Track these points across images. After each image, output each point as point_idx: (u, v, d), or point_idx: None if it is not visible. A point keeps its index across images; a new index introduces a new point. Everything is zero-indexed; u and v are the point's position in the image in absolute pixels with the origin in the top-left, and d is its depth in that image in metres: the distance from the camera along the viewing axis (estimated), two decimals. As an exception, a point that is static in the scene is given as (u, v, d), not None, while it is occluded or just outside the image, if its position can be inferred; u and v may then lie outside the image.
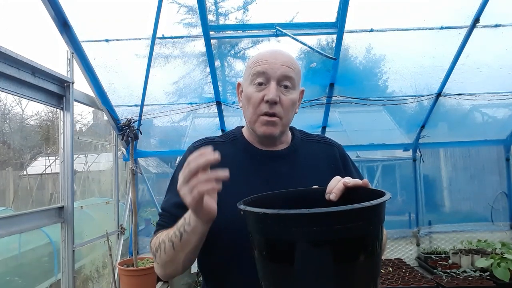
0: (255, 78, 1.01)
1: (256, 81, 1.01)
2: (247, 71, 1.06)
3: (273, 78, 1.00)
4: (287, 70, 1.00)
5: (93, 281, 3.16)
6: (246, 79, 1.06)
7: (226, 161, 1.06)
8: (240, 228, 0.79)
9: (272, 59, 1.00)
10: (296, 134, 1.16)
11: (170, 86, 3.09)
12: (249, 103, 1.03)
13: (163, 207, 1.09)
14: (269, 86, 1.00)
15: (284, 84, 1.01)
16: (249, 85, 1.03)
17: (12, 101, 8.38)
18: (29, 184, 6.15)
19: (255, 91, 1.01)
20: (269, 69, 0.99)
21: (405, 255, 3.36)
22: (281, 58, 1.01)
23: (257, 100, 1.01)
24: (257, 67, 1.01)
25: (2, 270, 3.83)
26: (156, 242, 0.99)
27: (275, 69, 1.00)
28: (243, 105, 1.08)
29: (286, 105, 1.02)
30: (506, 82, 2.93)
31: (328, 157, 1.12)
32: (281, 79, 1.00)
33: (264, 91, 1.00)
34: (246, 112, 1.06)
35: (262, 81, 1.01)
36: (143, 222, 3.47)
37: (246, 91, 1.04)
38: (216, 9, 2.78)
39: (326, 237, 0.62)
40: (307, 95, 2.98)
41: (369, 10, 2.46)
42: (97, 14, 2.42)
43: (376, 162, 3.90)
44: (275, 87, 0.99)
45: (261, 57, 1.02)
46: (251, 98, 1.02)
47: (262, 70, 1.00)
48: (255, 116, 1.02)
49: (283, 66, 1.00)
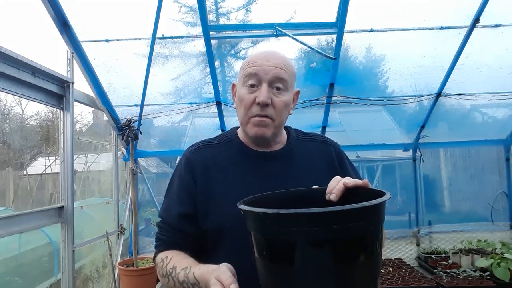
0: (247, 79, 1.01)
1: (248, 82, 1.01)
2: (240, 72, 1.06)
3: (264, 80, 1.00)
4: (279, 71, 1.00)
5: (93, 281, 3.16)
6: (239, 80, 1.06)
7: (221, 163, 1.07)
8: (238, 229, 0.79)
9: (264, 60, 1.00)
10: (291, 133, 1.16)
11: (170, 86, 3.08)
12: (241, 104, 1.03)
13: (163, 217, 1.09)
14: (260, 88, 1.00)
15: (276, 86, 1.01)
16: (241, 87, 1.04)
17: (12, 101, 8.38)
18: (29, 184, 6.15)
19: (247, 92, 1.01)
20: (261, 71, 0.99)
21: (405, 255, 3.36)
22: (273, 60, 1.01)
23: (248, 102, 1.01)
24: (249, 68, 1.01)
25: (2, 270, 3.83)
26: (164, 268, 0.99)
27: (266, 71, 0.99)
28: (236, 106, 1.08)
29: (278, 107, 1.01)
30: (506, 82, 2.93)
31: (324, 155, 1.12)
32: (273, 81, 1.00)
33: (256, 93, 1.00)
34: (238, 113, 1.06)
35: (254, 82, 1.00)
36: (143, 222, 3.47)
37: (239, 93, 1.04)
38: (216, 9, 2.78)
39: (326, 237, 0.62)
40: (307, 95, 2.99)
41: (369, 10, 2.46)
42: (97, 14, 2.42)
43: (376, 162, 3.90)
44: (267, 89, 0.99)
45: (254, 59, 1.02)
46: (243, 100, 1.02)
47: (254, 72, 1.00)
48: (246, 118, 1.03)
49: (275, 68, 1.00)
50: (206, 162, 1.07)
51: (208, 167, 1.06)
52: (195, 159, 1.08)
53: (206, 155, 1.08)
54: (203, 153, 1.09)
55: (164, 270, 0.99)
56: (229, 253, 0.96)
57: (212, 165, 1.06)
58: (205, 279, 0.83)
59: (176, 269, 0.95)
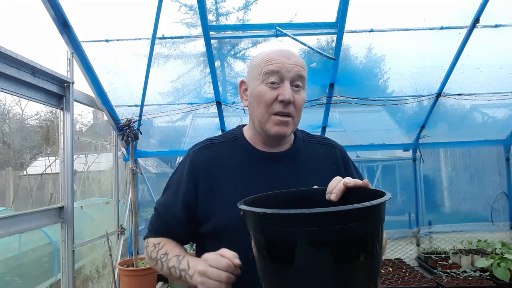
0: (267, 77, 1.00)
1: (269, 80, 1.00)
2: (255, 69, 1.04)
3: (287, 78, 1.00)
4: (300, 69, 1.01)
5: (93, 281, 3.16)
6: (255, 77, 1.04)
7: (226, 162, 1.07)
8: (242, 229, 0.79)
9: (285, 58, 1.00)
10: (298, 134, 1.16)
11: (170, 86, 3.08)
12: (260, 102, 1.02)
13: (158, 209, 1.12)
14: (283, 86, 0.99)
15: (296, 83, 1.01)
16: (260, 84, 1.02)
17: (11, 101, 8.38)
18: (29, 184, 6.15)
19: (268, 89, 1.00)
20: (283, 69, 0.99)
21: (405, 255, 3.36)
22: (293, 58, 1.01)
23: (270, 99, 1.00)
24: (269, 66, 1.00)
25: (2, 270, 3.83)
26: (155, 252, 1.05)
27: (288, 68, 0.99)
28: (250, 103, 1.07)
29: (298, 105, 1.02)
30: (506, 82, 2.93)
31: (329, 159, 1.12)
32: (294, 79, 1.01)
33: (278, 91, 1.00)
34: (255, 111, 1.04)
35: (275, 80, 1.00)
36: (143, 222, 3.46)
37: (257, 90, 1.02)
38: (216, 9, 2.78)
39: (327, 237, 0.62)
40: (307, 95, 2.97)
41: (369, 10, 2.46)
42: (97, 14, 2.42)
43: (376, 162, 3.90)
44: (289, 87, 0.99)
45: (273, 56, 1.01)
46: (263, 97, 1.01)
47: (276, 69, 0.99)
48: (267, 115, 1.01)
49: (297, 66, 1.00)
50: (210, 162, 1.06)
51: (212, 167, 1.06)
52: (199, 159, 1.07)
53: (211, 155, 1.08)
54: (207, 153, 1.08)
55: (155, 253, 1.05)
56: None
57: (216, 165, 1.06)
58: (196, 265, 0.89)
59: (168, 255, 1.01)
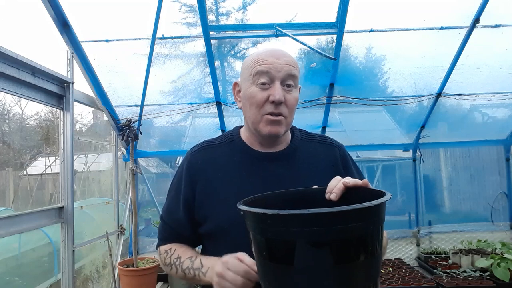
0: (257, 78, 0.99)
1: (259, 81, 0.99)
2: (246, 70, 1.03)
3: (277, 78, 0.99)
4: (290, 69, 1.00)
5: (93, 281, 3.16)
6: (246, 79, 1.04)
7: (223, 164, 1.07)
8: (240, 230, 0.79)
9: (274, 58, 0.99)
10: (296, 133, 1.15)
11: (170, 86, 3.08)
12: (252, 103, 1.01)
13: (164, 218, 1.14)
14: (273, 86, 0.99)
15: (287, 83, 1.00)
16: (251, 85, 1.01)
17: (11, 101, 8.38)
18: (29, 184, 6.15)
19: (259, 90, 1.00)
20: (273, 69, 0.98)
21: (405, 255, 3.36)
22: (283, 58, 1.00)
23: (261, 100, 1.00)
24: (259, 66, 0.99)
25: (2, 270, 3.83)
26: (168, 258, 1.08)
27: (278, 68, 0.98)
28: (243, 105, 1.07)
29: (290, 104, 1.01)
30: (506, 82, 2.93)
31: (328, 157, 1.11)
32: (285, 79, 1.00)
33: (269, 91, 0.99)
34: (248, 112, 1.04)
35: (265, 81, 0.99)
36: (143, 222, 3.46)
37: (248, 91, 1.02)
38: (216, 9, 2.78)
39: (326, 237, 0.62)
40: (307, 95, 2.99)
41: (369, 10, 2.46)
42: (97, 14, 2.42)
43: (376, 162, 3.90)
44: (280, 87, 0.99)
45: (262, 57, 1.00)
46: (254, 98, 1.00)
47: (265, 70, 0.98)
48: (259, 116, 1.01)
49: (287, 65, 0.99)
50: (207, 163, 1.07)
51: (209, 169, 1.06)
52: (197, 161, 1.08)
53: (208, 156, 1.08)
54: (205, 154, 1.09)
55: (168, 259, 1.08)
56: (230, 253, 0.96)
57: (213, 166, 1.06)
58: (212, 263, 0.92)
59: (180, 259, 1.03)
